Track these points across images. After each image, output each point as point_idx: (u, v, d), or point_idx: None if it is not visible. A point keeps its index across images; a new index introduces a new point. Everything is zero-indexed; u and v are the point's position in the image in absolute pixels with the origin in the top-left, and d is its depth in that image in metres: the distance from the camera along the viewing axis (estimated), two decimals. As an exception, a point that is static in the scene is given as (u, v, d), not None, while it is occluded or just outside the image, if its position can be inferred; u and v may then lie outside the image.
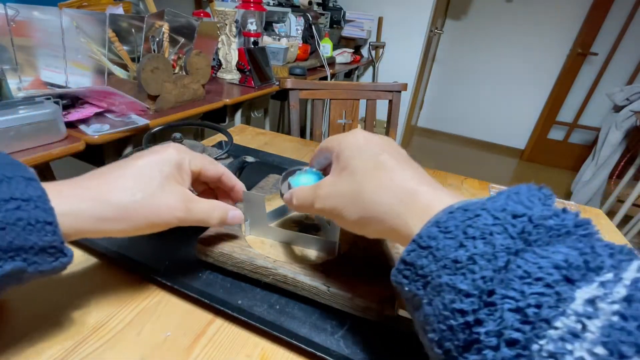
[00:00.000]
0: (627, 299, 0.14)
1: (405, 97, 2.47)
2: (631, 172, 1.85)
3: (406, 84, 1.11)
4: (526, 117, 3.05)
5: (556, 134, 3.01)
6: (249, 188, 0.35)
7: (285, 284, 0.31)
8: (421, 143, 3.30)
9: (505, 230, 0.18)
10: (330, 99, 1.06)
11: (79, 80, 0.82)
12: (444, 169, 0.68)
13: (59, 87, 0.80)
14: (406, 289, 0.21)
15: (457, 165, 2.88)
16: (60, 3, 0.82)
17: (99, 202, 0.24)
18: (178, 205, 0.27)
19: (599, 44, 2.60)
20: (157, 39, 0.85)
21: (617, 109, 1.95)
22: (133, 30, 0.85)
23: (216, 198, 0.35)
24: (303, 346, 0.27)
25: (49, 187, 0.22)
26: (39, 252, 0.21)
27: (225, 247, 0.33)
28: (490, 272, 0.16)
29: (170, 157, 0.28)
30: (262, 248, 0.35)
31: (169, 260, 0.35)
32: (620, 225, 1.81)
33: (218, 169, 0.32)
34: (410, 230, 0.21)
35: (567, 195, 2.37)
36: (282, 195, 0.33)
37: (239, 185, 0.34)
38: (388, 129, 1.12)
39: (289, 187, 0.34)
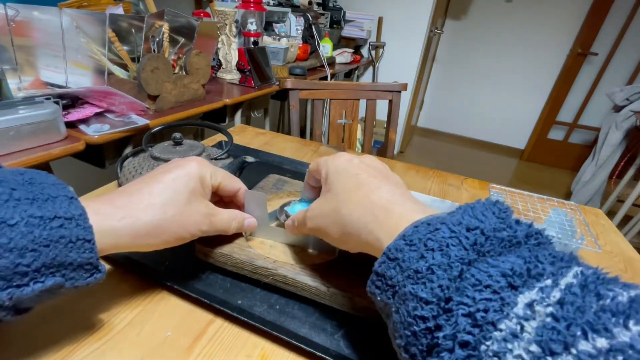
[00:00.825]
0: (560, 302, 0.15)
1: (405, 97, 2.47)
2: (631, 172, 1.85)
3: (406, 84, 1.11)
4: (526, 117, 3.05)
5: (556, 134, 3.01)
6: (248, 188, 0.35)
7: (285, 284, 0.31)
8: (421, 143, 3.30)
9: (459, 242, 0.19)
10: (330, 99, 1.06)
11: (79, 80, 0.82)
12: (444, 169, 0.68)
13: (59, 87, 0.80)
14: (378, 298, 0.22)
15: (457, 165, 2.88)
16: (60, 3, 0.82)
17: (132, 220, 0.25)
18: (203, 219, 0.29)
19: (599, 44, 2.60)
20: (157, 39, 0.85)
21: (617, 109, 1.95)
22: (133, 30, 0.85)
23: (225, 204, 0.36)
24: (303, 346, 0.27)
25: (87, 205, 0.23)
26: (77, 268, 0.22)
27: (225, 248, 0.33)
28: (446, 281, 0.18)
29: (194, 171, 0.29)
30: (261, 248, 0.35)
31: (169, 260, 0.35)
32: (620, 225, 1.81)
33: (235, 184, 0.34)
34: (382, 244, 0.23)
35: (567, 195, 2.37)
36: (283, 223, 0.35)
37: None
38: (388, 129, 1.12)
39: (286, 215, 0.37)
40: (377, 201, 0.25)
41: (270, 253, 0.34)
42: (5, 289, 0.19)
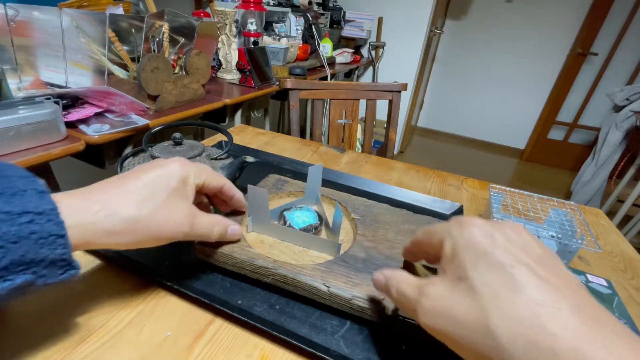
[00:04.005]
0: None
1: (405, 97, 2.47)
2: (631, 172, 1.85)
3: (406, 84, 1.11)
4: (526, 117, 3.05)
5: (556, 134, 3.01)
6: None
7: (285, 284, 0.31)
8: (421, 143, 3.29)
9: None
10: (330, 99, 1.06)
11: (79, 80, 0.82)
12: (444, 169, 0.68)
13: (59, 87, 0.80)
14: None
15: (457, 165, 2.88)
16: (60, 3, 0.82)
17: (107, 216, 0.24)
18: (184, 220, 0.28)
19: (599, 44, 2.60)
20: (157, 39, 0.85)
21: (617, 109, 1.95)
22: (133, 30, 0.85)
23: (211, 204, 0.36)
24: (303, 346, 0.27)
25: (59, 200, 0.22)
26: (49, 265, 0.21)
27: (225, 247, 0.33)
28: None
29: (176, 171, 0.28)
30: (262, 248, 0.35)
31: (169, 260, 0.35)
32: (620, 225, 1.81)
33: (220, 181, 0.33)
34: None
35: (567, 195, 2.37)
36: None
37: (238, 194, 0.35)
38: (388, 129, 1.12)
39: (285, 220, 0.36)
40: (559, 333, 0.16)
41: (270, 253, 0.34)
42: None
